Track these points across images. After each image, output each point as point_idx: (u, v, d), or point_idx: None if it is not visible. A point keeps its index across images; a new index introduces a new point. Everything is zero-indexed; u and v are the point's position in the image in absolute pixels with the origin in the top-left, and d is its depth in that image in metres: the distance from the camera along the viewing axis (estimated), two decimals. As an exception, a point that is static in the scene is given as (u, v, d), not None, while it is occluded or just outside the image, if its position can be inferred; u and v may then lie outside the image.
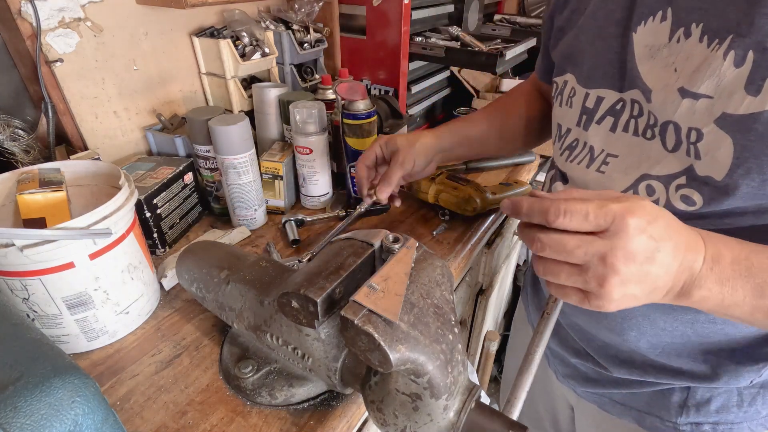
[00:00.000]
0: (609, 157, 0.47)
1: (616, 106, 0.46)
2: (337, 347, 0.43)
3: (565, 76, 0.53)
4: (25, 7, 0.65)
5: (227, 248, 0.57)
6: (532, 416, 0.83)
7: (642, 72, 0.43)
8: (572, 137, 0.52)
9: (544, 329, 0.41)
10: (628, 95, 0.45)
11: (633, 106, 0.45)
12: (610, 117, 0.47)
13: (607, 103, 0.47)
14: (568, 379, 0.65)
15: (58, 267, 0.47)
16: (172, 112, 0.89)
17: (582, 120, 0.50)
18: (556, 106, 0.55)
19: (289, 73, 0.99)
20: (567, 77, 0.53)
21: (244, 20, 0.90)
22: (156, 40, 0.83)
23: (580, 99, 0.50)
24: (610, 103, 0.47)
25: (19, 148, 0.68)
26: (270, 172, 0.78)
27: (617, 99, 0.46)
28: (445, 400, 0.36)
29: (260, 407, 0.48)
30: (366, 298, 0.35)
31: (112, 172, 0.58)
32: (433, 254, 0.44)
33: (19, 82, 0.72)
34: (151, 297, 0.59)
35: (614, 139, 0.47)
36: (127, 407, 0.48)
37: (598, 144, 0.48)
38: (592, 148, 0.49)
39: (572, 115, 0.52)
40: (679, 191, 0.42)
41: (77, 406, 0.25)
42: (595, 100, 0.49)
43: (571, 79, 0.52)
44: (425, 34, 1.12)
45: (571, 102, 0.52)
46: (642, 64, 0.43)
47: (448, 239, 0.76)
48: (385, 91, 1.06)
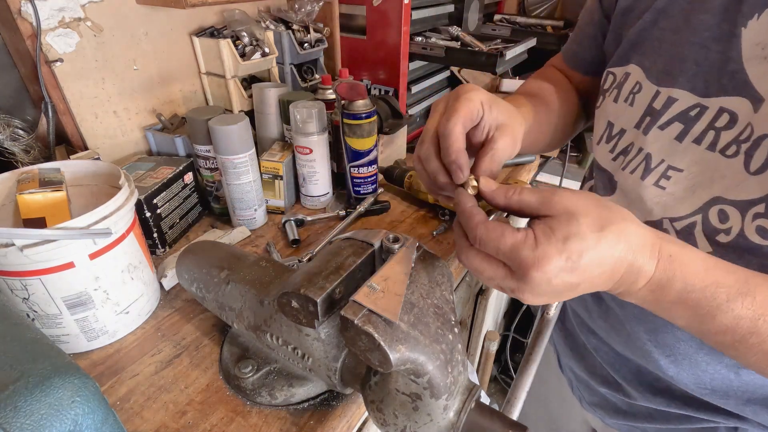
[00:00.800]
0: (671, 170, 0.41)
1: (690, 113, 0.40)
2: (337, 347, 0.43)
3: (627, 67, 0.46)
4: (25, 7, 0.65)
5: (227, 248, 0.57)
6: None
7: (752, 76, 0.36)
8: (628, 141, 0.45)
9: (545, 330, 0.41)
10: (716, 102, 0.38)
11: (719, 116, 0.38)
12: (679, 123, 0.41)
13: (679, 106, 0.41)
14: (595, 408, 0.61)
15: (58, 267, 0.47)
16: (172, 112, 0.89)
17: (644, 122, 0.44)
18: (609, 101, 0.48)
19: (289, 73, 0.99)
20: (630, 68, 0.45)
21: (244, 20, 0.90)
22: (156, 40, 0.83)
23: (647, 97, 0.43)
24: (683, 108, 0.40)
25: (19, 147, 0.68)
26: (270, 172, 0.78)
27: (694, 104, 0.40)
28: (445, 400, 0.36)
29: (260, 407, 0.48)
30: (366, 298, 0.35)
31: (112, 171, 0.58)
32: (433, 254, 0.44)
33: (19, 82, 0.72)
34: (151, 297, 0.59)
35: (680, 150, 0.40)
36: (127, 407, 0.48)
37: (658, 152, 0.42)
38: (649, 156, 0.43)
39: (632, 114, 0.45)
40: (756, 221, 0.36)
41: (77, 405, 0.25)
42: (665, 100, 0.42)
43: (635, 72, 0.45)
44: (425, 34, 1.12)
45: (634, 99, 0.45)
46: (752, 66, 0.36)
47: (448, 239, 0.76)
48: (385, 91, 1.06)
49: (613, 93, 0.48)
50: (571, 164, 1.15)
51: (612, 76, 0.48)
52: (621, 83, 0.47)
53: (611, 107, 0.48)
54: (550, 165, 1.15)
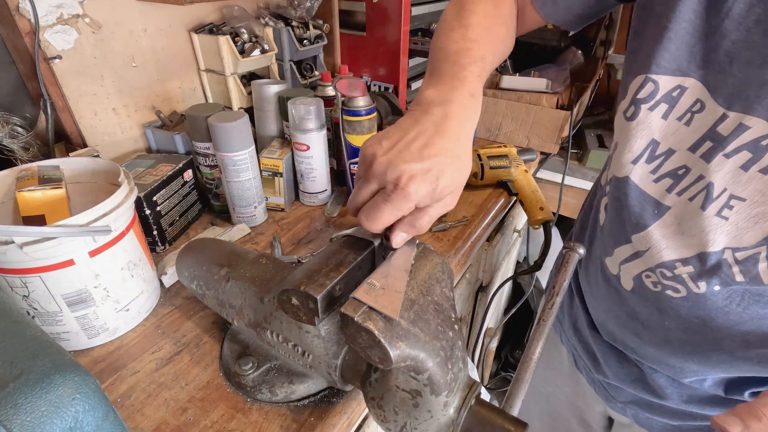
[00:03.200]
0: (734, 199, 0.39)
1: (762, 142, 0.37)
2: (337, 344, 0.43)
3: (682, 80, 0.40)
4: (23, 4, 0.65)
5: (227, 245, 0.57)
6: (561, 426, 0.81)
7: None
8: (678, 163, 0.42)
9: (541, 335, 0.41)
10: None
11: None
12: (748, 152, 0.37)
13: (751, 135, 0.37)
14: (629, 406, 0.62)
15: (58, 264, 0.47)
16: (171, 109, 0.89)
17: (703, 147, 0.40)
18: (654, 116, 0.43)
19: (289, 69, 0.98)
20: (689, 83, 0.40)
21: (243, 17, 0.89)
22: (155, 37, 0.83)
23: (710, 120, 0.39)
24: (755, 137, 0.37)
25: (18, 145, 0.68)
26: (270, 169, 0.78)
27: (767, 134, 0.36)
28: (445, 396, 0.36)
29: (261, 404, 0.48)
30: (366, 295, 0.35)
31: (112, 169, 0.58)
32: (433, 251, 0.44)
33: (17, 79, 0.71)
34: (151, 294, 0.59)
35: (744, 179, 0.38)
36: (128, 404, 0.48)
37: (721, 182, 0.39)
38: (711, 185, 0.39)
39: (687, 135, 0.41)
40: None
41: (78, 403, 0.25)
42: (735, 127, 0.38)
43: (696, 88, 0.40)
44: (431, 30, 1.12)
45: (692, 119, 0.40)
46: None
47: (447, 236, 0.76)
48: (385, 87, 1.05)
49: (660, 107, 0.42)
50: (572, 161, 1.15)
51: (653, 85, 0.42)
52: (673, 98, 0.41)
53: (659, 124, 0.43)
54: (550, 162, 1.15)
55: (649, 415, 0.60)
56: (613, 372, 0.61)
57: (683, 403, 0.54)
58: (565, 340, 0.72)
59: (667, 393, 0.55)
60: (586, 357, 0.65)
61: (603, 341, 0.60)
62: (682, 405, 0.54)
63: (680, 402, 0.54)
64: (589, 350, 0.64)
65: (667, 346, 0.50)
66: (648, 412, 0.60)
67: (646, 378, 0.56)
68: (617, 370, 0.60)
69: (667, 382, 0.54)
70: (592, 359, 0.64)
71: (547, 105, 1.08)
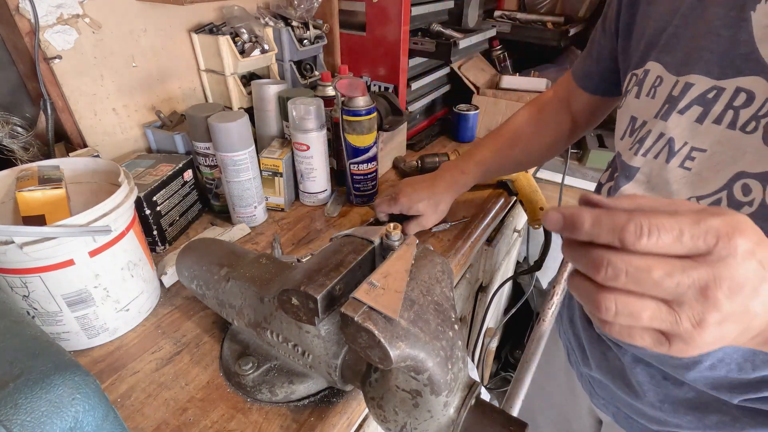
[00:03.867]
0: (695, 151, 0.43)
1: (708, 95, 0.42)
2: (337, 344, 0.43)
3: (646, 66, 0.49)
4: (23, 4, 0.65)
5: (227, 245, 0.57)
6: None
7: (765, 55, 0.39)
8: (647, 129, 0.48)
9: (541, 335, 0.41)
10: (731, 83, 0.41)
11: (737, 96, 0.40)
12: (698, 107, 0.43)
13: (697, 90, 0.43)
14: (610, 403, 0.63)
15: (58, 264, 0.47)
16: (171, 109, 0.89)
17: (662, 110, 0.46)
18: (630, 98, 0.51)
19: (289, 69, 0.98)
20: (650, 65, 0.48)
21: (243, 17, 0.89)
22: (155, 37, 0.83)
23: (667, 88, 0.46)
24: (700, 92, 0.43)
25: (18, 145, 0.68)
26: (270, 169, 0.78)
27: (710, 87, 0.42)
28: (445, 396, 0.36)
29: (261, 404, 0.48)
30: (366, 295, 0.35)
31: (112, 169, 0.58)
32: (433, 251, 0.44)
33: (17, 79, 0.71)
34: (151, 294, 0.59)
35: (702, 131, 0.42)
36: (128, 404, 0.48)
37: (680, 136, 0.44)
38: (672, 140, 0.44)
39: (653, 106, 0.47)
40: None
41: (78, 403, 0.25)
42: (682, 87, 0.44)
43: (655, 68, 0.48)
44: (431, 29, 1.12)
45: (655, 92, 0.47)
46: (765, 47, 0.39)
47: (447, 236, 0.76)
48: (384, 87, 1.05)
49: (634, 90, 0.50)
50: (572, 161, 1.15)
51: (634, 77, 0.51)
52: (642, 80, 0.49)
53: (634, 103, 0.50)
54: (550, 162, 1.15)
55: (627, 414, 0.60)
56: (596, 363, 0.61)
57: (658, 403, 0.54)
58: (562, 334, 0.73)
59: (644, 390, 0.55)
60: (577, 350, 0.66)
61: (593, 333, 0.61)
62: (657, 405, 0.54)
63: (656, 401, 0.54)
64: (579, 343, 0.65)
65: None
66: (627, 410, 0.60)
67: (626, 373, 0.56)
68: (600, 362, 0.60)
69: (646, 378, 0.54)
70: (581, 351, 0.65)
71: (547, 105, 1.08)
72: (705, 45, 0.42)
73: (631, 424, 0.60)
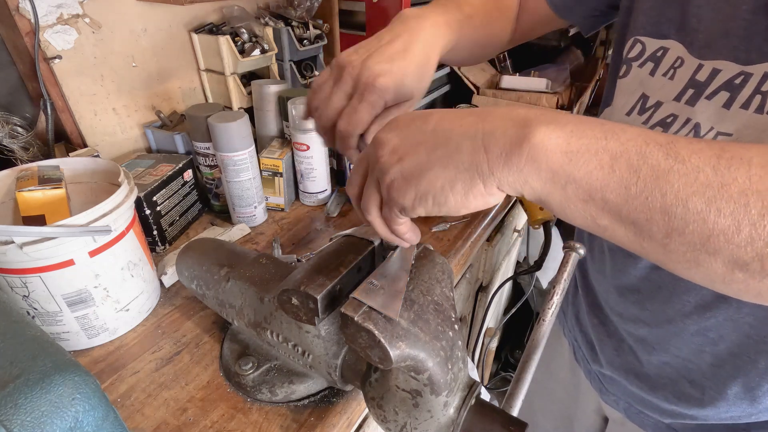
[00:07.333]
0: (720, 135, 0.43)
1: (735, 81, 0.42)
2: (337, 344, 0.43)
3: (665, 42, 0.47)
4: (23, 4, 0.65)
5: (227, 245, 0.57)
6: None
7: None
8: (666, 112, 0.47)
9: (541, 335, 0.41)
10: (759, 68, 0.41)
11: (764, 81, 0.40)
12: (725, 92, 0.43)
13: (724, 76, 0.43)
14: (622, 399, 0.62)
15: (58, 264, 0.47)
16: (171, 109, 0.89)
17: (686, 94, 0.45)
18: (642, 73, 0.49)
19: (289, 69, 0.98)
20: (670, 44, 0.47)
21: (243, 16, 0.89)
22: (155, 37, 0.83)
23: (689, 71, 0.45)
24: (728, 77, 0.43)
25: (18, 145, 0.68)
26: (270, 169, 0.78)
27: (737, 72, 0.42)
28: (445, 396, 0.36)
29: (261, 404, 0.48)
30: (366, 295, 0.35)
31: (112, 169, 0.58)
32: (433, 251, 0.44)
33: (17, 79, 0.71)
34: (151, 294, 0.59)
35: (728, 116, 0.43)
36: (128, 404, 0.48)
37: (706, 121, 0.44)
38: (698, 126, 0.44)
39: (671, 87, 0.46)
40: None
41: (78, 403, 0.25)
42: (709, 72, 0.44)
43: (676, 48, 0.46)
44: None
45: (675, 73, 0.46)
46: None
47: (447, 236, 0.76)
48: (384, 87, 1.05)
49: (647, 65, 0.49)
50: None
51: (641, 46, 0.49)
52: (658, 57, 0.48)
53: (647, 81, 0.49)
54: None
55: (640, 409, 0.60)
56: (608, 360, 0.61)
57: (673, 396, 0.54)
58: (567, 331, 0.72)
59: (663, 384, 0.54)
60: (585, 347, 0.66)
61: (602, 329, 0.61)
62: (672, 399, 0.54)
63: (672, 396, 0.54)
64: (587, 339, 0.65)
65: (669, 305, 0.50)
66: (640, 406, 0.60)
67: (641, 367, 0.56)
68: (612, 358, 0.60)
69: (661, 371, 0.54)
70: (590, 348, 0.64)
71: (547, 105, 1.08)
72: (731, 31, 0.42)
73: (642, 419, 0.60)
